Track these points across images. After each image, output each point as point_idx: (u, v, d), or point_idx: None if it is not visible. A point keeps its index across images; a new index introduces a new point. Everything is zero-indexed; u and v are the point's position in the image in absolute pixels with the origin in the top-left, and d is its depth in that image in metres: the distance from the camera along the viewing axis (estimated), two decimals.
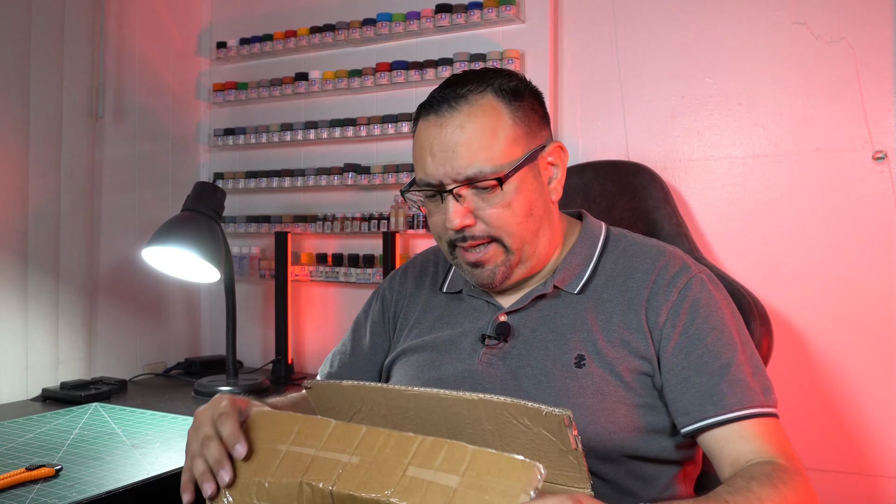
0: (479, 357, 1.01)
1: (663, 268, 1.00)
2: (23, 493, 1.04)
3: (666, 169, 1.69)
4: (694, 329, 0.95)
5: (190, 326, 2.24)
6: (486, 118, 0.96)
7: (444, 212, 0.97)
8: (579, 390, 0.94)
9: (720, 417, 0.90)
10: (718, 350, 0.94)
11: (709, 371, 0.93)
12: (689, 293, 0.97)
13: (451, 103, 0.97)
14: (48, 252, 1.76)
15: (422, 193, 1.01)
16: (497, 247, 0.98)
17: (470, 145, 0.95)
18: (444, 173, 0.96)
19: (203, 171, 2.29)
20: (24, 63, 1.71)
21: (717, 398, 0.91)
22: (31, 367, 1.73)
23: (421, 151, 0.99)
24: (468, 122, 0.95)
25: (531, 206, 0.98)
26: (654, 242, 1.07)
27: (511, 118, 0.97)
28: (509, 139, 0.96)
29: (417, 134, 1.01)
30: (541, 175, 1.00)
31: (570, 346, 0.97)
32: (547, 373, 0.96)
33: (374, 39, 2.00)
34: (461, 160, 0.95)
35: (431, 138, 0.97)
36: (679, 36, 1.69)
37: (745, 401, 0.91)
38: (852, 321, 1.52)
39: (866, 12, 1.51)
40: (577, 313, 1.00)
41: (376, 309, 1.21)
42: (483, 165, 0.94)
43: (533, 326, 1.01)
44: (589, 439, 0.92)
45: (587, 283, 1.02)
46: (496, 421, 0.74)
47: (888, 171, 1.50)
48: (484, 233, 0.97)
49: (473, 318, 1.06)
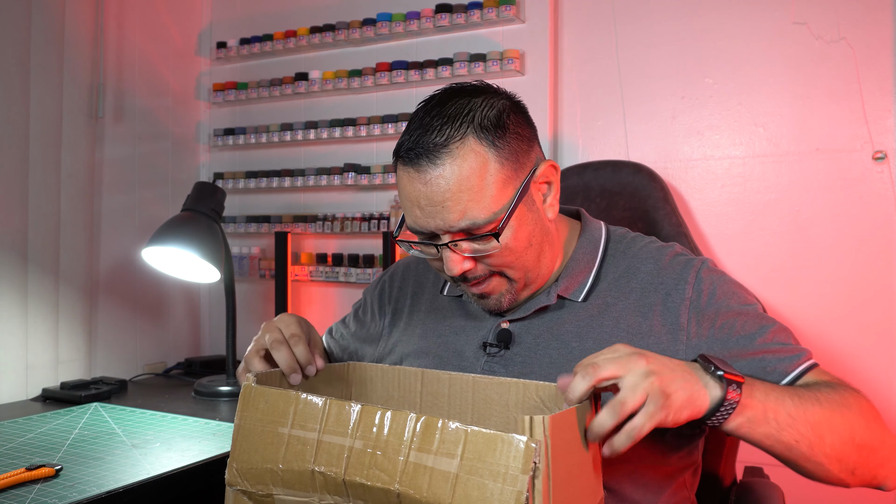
0: (482, 365, 1.01)
1: (668, 267, 1.00)
2: (23, 493, 1.04)
3: (666, 169, 1.69)
4: (720, 320, 0.96)
5: (190, 326, 2.24)
6: (471, 166, 0.91)
7: (442, 259, 0.96)
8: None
9: (784, 381, 0.93)
10: (749, 331, 0.96)
11: (751, 350, 0.95)
12: (703, 287, 0.98)
13: (430, 157, 0.91)
14: (48, 252, 1.76)
15: (418, 239, 0.99)
16: (500, 278, 0.98)
17: (459, 199, 0.90)
18: (435, 226, 0.93)
19: (203, 171, 2.29)
20: (24, 63, 1.71)
21: (770, 368, 0.93)
22: (31, 367, 1.73)
23: (408, 202, 0.95)
24: (453, 175, 0.90)
25: (529, 238, 0.96)
26: (652, 242, 1.07)
27: (497, 161, 0.92)
28: (498, 183, 0.92)
29: (400, 180, 0.96)
30: (535, 202, 0.98)
31: (574, 354, 0.97)
32: (551, 381, 0.96)
33: (374, 39, 2.00)
34: (452, 214, 0.91)
35: (417, 193, 0.93)
36: (679, 36, 1.69)
37: (797, 359, 0.94)
38: (852, 321, 1.52)
39: (866, 12, 1.51)
40: (581, 321, 1.00)
41: (375, 295, 1.23)
42: (476, 216, 0.91)
43: (536, 334, 1.01)
44: None
45: (591, 289, 1.02)
46: (524, 406, 0.75)
47: (888, 171, 1.50)
48: (485, 271, 0.97)
49: (476, 325, 1.06)
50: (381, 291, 1.23)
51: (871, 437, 0.88)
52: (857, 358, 1.52)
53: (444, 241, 0.94)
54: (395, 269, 1.24)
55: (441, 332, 1.09)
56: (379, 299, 1.22)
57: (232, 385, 1.75)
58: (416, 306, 1.16)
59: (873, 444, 0.88)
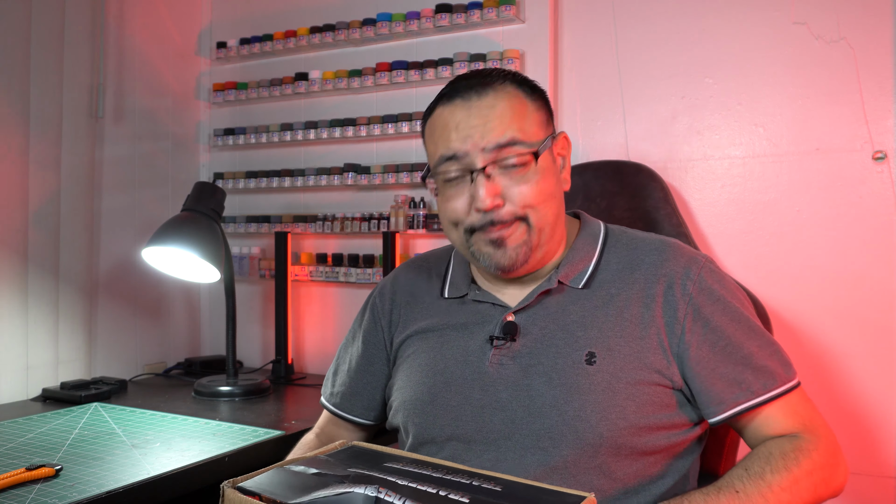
0: (489, 359, 1.01)
1: (672, 260, 1.02)
2: (23, 493, 1.04)
3: (666, 169, 1.69)
4: (715, 322, 0.98)
5: (190, 326, 2.24)
6: (514, 101, 0.99)
7: (473, 192, 0.97)
8: (590, 387, 0.95)
9: (749, 403, 0.96)
10: (740, 340, 0.98)
11: (734, 360, 0.97)
12: (705, 285, 1.00)
13: (476, 90, 0.99)
14: (48, 252, 1.76)
15: (444, 175, 1.00)
16: (521, 226, 0.98)
17: (502, 118, 0.97)
18: (472, 145, 0.96)
19: (203, 171, 2.29)
20: (24, 63, 1.71)
21: (745, 386, 0.96)
22: (31, 367, 1.73)
23: (443, 131, 0.99)
24: (497, 101, 0.98)
25: (553, 189, 1.00)
26: (653, 235, 1.09)
27: (533, 105, 1.01)
28: (535, 121, 1.00)
29: (434, 119, 1.01)
30: (556, 164, 1.03)
31: (580, 344, 0.97)
32: (558, 370, 0.96)
33: (374, 39, 2.00)
34: (494, 131, 0.96)
35: (457, 118, 0.98)
36: (679, 36, 1.69)
37: (770, 385, 0.97)
38: (852, 320, 1.53)
39: (866, 12, 1.51)
40: (585, 310, 1.00)
41: (368, 320, 1.20)
42: (516, 135, 0.96)
43: (541, 325, 1.01)
44: (600, 435, 0.93)
45: (591, 277, 1.03)
46: None
47: (888, 171, 1.50)
48: (510, 215, 0.97)
49: (480, 322, 1.05)
50: (371, 308, 1.20)
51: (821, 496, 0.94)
52: (857, 357, 1.52)
53: (479, 167, 0.96)
54: (381, 288, 1.21)
55: (445, 331, 1.08)
56: (371, 314, 1.19)
57: (232, 385, 1.75)
58: (412, 314, 1.14)
59: (824, 496, 0.94)
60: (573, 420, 0.93)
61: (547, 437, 0.94)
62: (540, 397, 0.96)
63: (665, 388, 0.97)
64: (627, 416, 0.93)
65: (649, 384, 0.96)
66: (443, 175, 1.00)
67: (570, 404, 0.94)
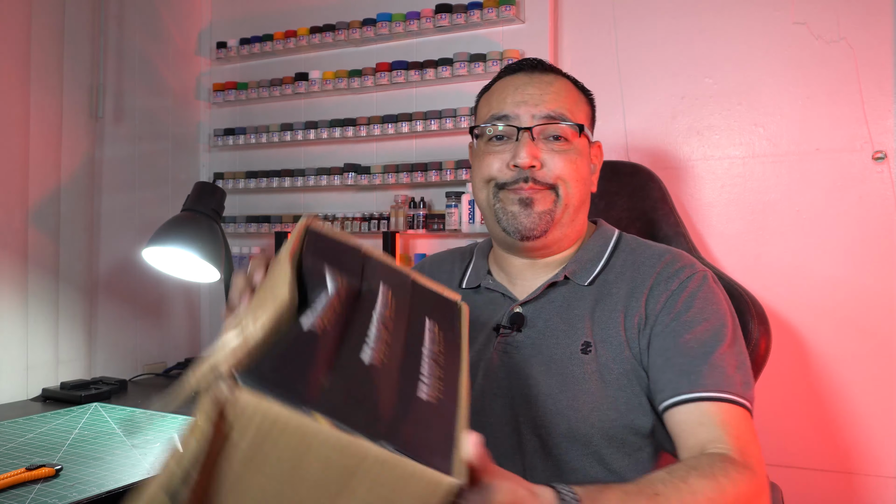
0: (494, 346, 1.03)
1: (669, 262, 1.03)
2: (23, 493, 1.04)
3: (666, 169, 1.69)
4: (687, 317, 0.96)
5: (190, 326, 2.24)
6: (571, 88, 1.07)
7: (514, 150, 1.01)
8: (584, 376, 0.97)
9: (693, 395, 0.90)
10: (706, 339, 0.94)
11: (692, 354, 0.93)
12: (690, 285, 0.99)
13: (540, 69, 1.07)
14: (48, 252, 1.76)
15: (490, 131, 1.04)
16: (550, 194, 1.02)
17: (559, 94, 1.04)
18: (525, 110, 1.02)
19: (203, 171, 2.29)
20: (24, 63, 1.71)
21: (693, 377, 0.91)
22: (31, 367, 1.73)
23: (501, 93, 1.05)
24: (557, 81, 1.06)
25: (585, 175, 1.05)
26: (664, 246, 1.10)
27: (584, 102, 1.08)
28: (583, 112, 1.07)
29: (494, 87, 1.08)
30: (590, 162, 1.09)
31: (578, 334, 1.00)
32: (555, 360, 0.99)
33: (374, 39, 2.00)
34: (548, 103, 1.02)
35: (518, 84, 1.04)
36: (679, 36, 1.69)
37: (721, 385, 0.90)
38: (851, 320, 1.52)
39: (866, 12, 1.51)
40: (586, 303, 1.03)
41: None
42: (565, 112, 1.02)
43: (546, 317, 1.03)
44: (593, 424, 0.94)
45: (597, 276, 1.05)
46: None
47: (888, 171, 1.50)
48: (545, 179, 1.01)
49: (490, 311, 1.08)
50: None
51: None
52: (857, 357, 1.52)
53: (527, 125, 1.01)
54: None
55: None
56: None
57: None
58: None
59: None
60: (566, 409, 0.95)
61: (542, 424, 0.96)
62: (537, 385, 0.98)
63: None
64: (619, 405, 0.95)
65: (638, 375, 0.97)
66: (489, 131, 1.04)
67: (564, 393, 0.96)
